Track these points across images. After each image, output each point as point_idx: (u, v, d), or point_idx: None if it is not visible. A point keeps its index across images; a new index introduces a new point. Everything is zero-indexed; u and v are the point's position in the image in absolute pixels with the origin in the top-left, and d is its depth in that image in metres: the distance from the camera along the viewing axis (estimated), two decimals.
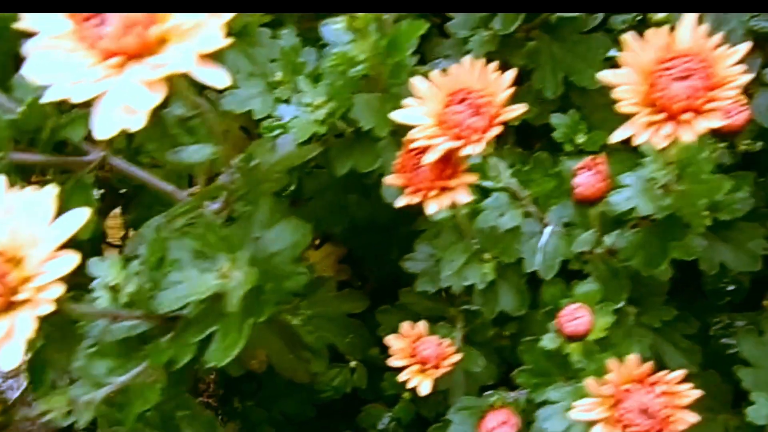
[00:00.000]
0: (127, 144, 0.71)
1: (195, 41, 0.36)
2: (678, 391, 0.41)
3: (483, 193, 0.61)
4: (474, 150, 0.42)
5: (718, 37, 0.39)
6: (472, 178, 0.46)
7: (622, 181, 0.54)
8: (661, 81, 0.39)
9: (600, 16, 0.73)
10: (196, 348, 0.47)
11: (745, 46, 0.39)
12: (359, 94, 0.59)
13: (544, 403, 0.58)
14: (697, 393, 0.42)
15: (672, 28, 0.40)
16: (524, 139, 0.80)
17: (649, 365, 0.42)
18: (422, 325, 0.53)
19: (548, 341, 0.55)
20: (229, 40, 0.37)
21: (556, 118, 0.71)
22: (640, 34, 0.69)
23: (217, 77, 0.37)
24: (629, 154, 0.56)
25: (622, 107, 0.40)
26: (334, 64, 0.53)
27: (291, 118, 0.61)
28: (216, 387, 1.06)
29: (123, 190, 0.73)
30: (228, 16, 0.38)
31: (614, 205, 0.54)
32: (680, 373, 0.42)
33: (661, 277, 0.63)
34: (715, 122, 0.39)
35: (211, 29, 0.36)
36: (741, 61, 0.39)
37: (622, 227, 0.60)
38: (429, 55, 0.78)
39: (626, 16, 0.71)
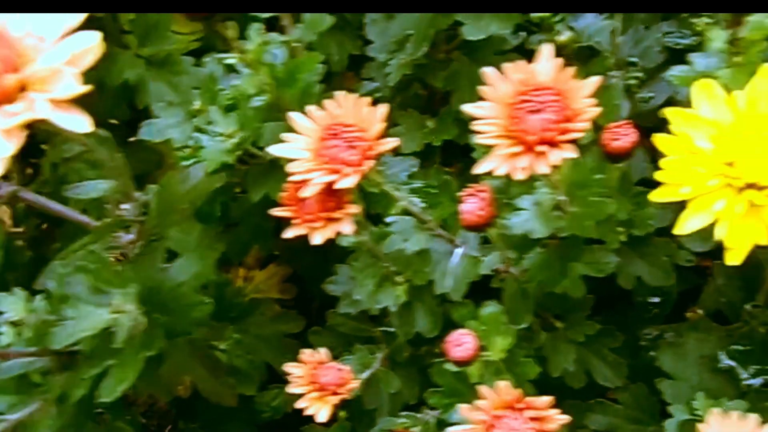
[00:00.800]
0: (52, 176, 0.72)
1: (52, 88, 0.37)
2: (546, 416, 0.42)
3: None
4: (347, 183, 0.43)
5: (571, 70, 0.40)
6: (356, 209, 0.47)
7: (520, 204, 0.55)
8: (519, 114, 0.40)
9: (520, 36, 0.75)
10: (90, 383, 0.47)
11: (596, 80, 0.40)
12: (268, 123, 0.60)
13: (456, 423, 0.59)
14: (566, 418, 0.43)
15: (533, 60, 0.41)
16: (449, 159, 0.81)
17: (517, 391, 0.43)
18: (322, 351, 0.54)
19: (451, 364, 0.55)
20: (86, 88, 0.38)
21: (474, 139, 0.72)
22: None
23: (76, 123, 0.38)
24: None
25: (482, 139, 0.41)
26: (230, 97, 0.54)
27: (201, 148, 0.61)
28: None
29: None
30: (87, 63, 0.38)
31: (512, 228, 0.55)
32: (548, 399, 0.43)
33: (574, 295, 0.64)
34: (569, 154, 0.40)
35: (68, 76, 0.37)
36: (594, 94, 0.40)
37: (533, 248, 0.61)
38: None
39: (542, 36, 0.73)
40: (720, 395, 0.64)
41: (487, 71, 0.42)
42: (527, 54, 0.75)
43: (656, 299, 0.79)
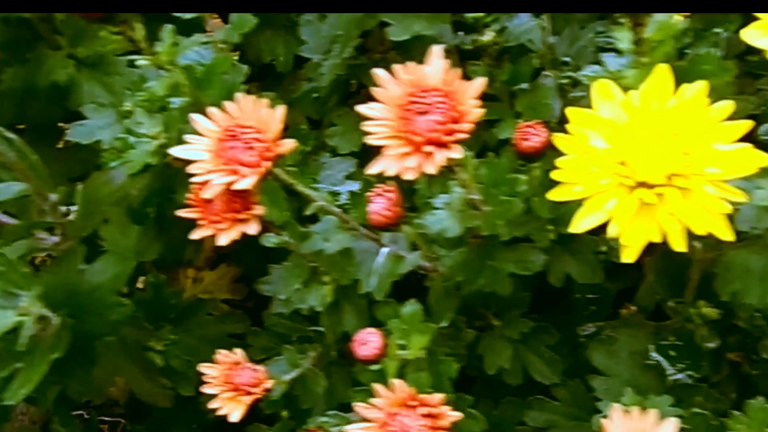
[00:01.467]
0: None
1: None
2: (439, 413, 0.42)
3: None
4: (246, 184, 0.44)
5: (458, 72, 0.41)
6: (261, 210, 0.47)
7: (435, 202, 0.56)
8: (407, 115, 0.40)
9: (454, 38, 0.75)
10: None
11: (481, 81, 0.41)
12: (188, 125, 0.60)
13: None
14: (457, 415, 0.44)
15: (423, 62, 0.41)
16: None
17: (410, 389, 0.43)
18: (238, 352, 0.54)
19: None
20: None
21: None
22: (480, 54, 0.73)
23: None
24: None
25: (372, 140, 0.41)
26: (143, 99, 0.55)
27: (127, 149, 0.61)
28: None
29: None
30: None
31: (428, 227, 0.56)
32: (441, 396, 0.43)
33: (501, 293, 0.65)
34: (455, 154, 0.40)
35: None
36: (479, 96, 0.40)
37: (455, 247, 0.62)
38: None
39: (475, 36, 0.73)
40: (648, 391, 0.65)
41: (378, 72, 0.42)
42: (470, 54, 0.76)
43: (594, 296, 0.80)
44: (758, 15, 0.48)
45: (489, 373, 0.73)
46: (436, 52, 0.41)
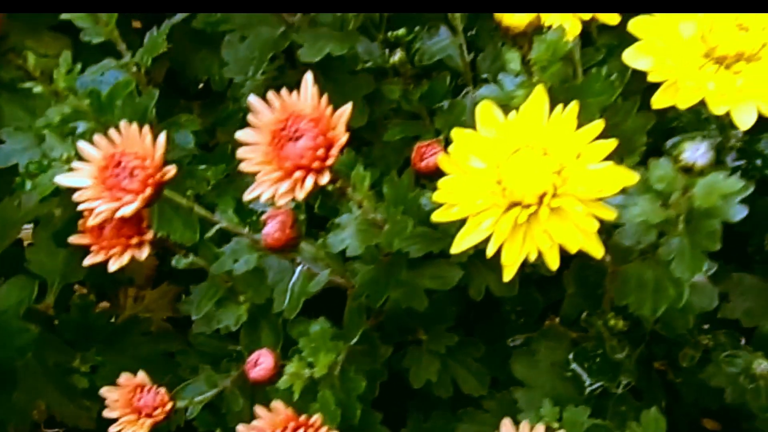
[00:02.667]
0: None
1: None
2: None
3: None
4: (128, 211, 0.44)
5: (325, 98, 0.42)
6: (150, 234, 0.48)
7: (339, 221, 0.56)
8: (279, 141, 0.41)
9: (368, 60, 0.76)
10: None
11: (348, 107, 0.42)
12: None
13: None
14: None
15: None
16: None
17: (289, 410, 0.44)
18: (140, 375, 0.55)
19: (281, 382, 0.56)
20: None
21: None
22: (397, 73, 0.74)
23: None
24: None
25: (246, 167, 0.42)
26: (43, 125, 0.55)
27: (39, 173, 0.62)
28: None
29: None
30: None
31: (331, 246, 0.56)
32: (317, 417, 0.44)
33: (418, 308, 0.66)
34: (324, 179, 0.41)
35: None
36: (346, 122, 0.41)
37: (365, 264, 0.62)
38: None
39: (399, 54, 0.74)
40: (567, 401, 0.66)
41: (251, 100, 0.43)
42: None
43: (523, 309, 0.81)
44: (639, 36, 0.50)
45: (415, 387, 0.73)
46: (307, 79, 0.42)
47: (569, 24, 0.56)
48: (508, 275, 0.45)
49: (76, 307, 0.75)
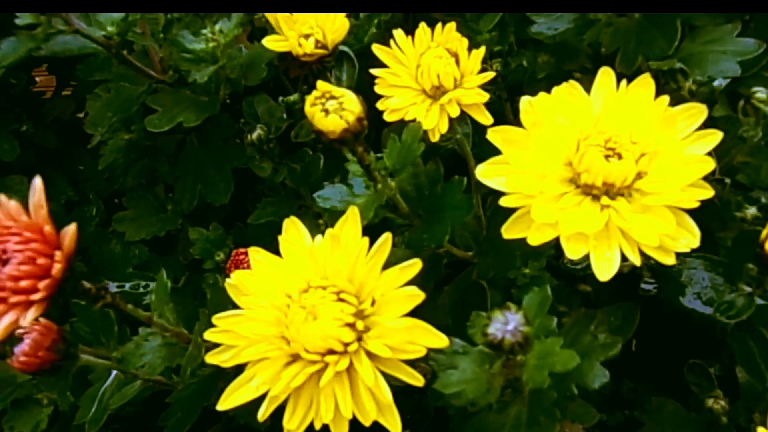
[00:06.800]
0: None
1: None
2: None
3: None
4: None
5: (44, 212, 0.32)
6: None
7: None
8: None
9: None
10: None
11: (73, 227, 0.32)
12: None
13: None
14: None
15: None
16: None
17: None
18: None
19: None
20: None
21: (194, 233, 0.64)
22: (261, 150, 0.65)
23: None
24: None
25: None
26: None
27: None
28: None
29: None
30: None
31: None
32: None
33: None
34: (27, 318, 0.32)
35: None
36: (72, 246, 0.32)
37: None
38: None
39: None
40: None
41: None
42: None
43: None
44: (499, 148, 0.41)
45: None
46: (35, 185, 0.33)
47: (434, 119, 0.48)
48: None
49: None
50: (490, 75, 0.47)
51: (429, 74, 0.46)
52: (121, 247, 0.69)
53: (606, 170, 0.38)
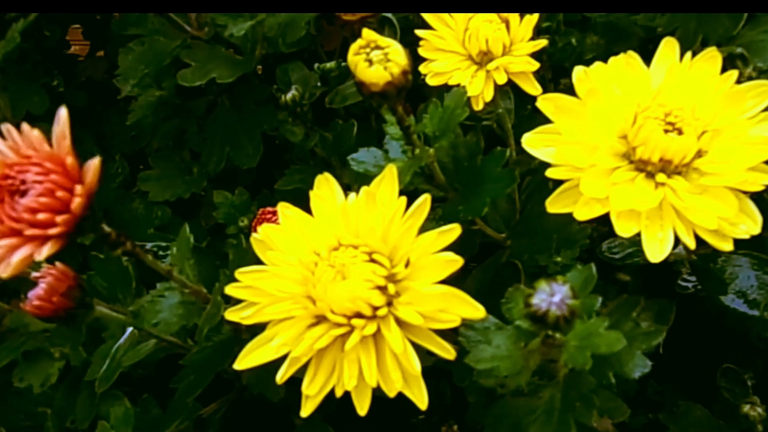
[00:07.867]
0: None
1: None
2: None
3: None
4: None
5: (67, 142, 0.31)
6: None
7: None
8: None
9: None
10: None
11: (96, 160, 0.31)
12: None
13: None
14: None
15: None
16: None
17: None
18: None
19: None
20: None
21: (219, 196, 0.62)
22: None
23: None
24: None
25: None
26: None
27: None
28: None
29: None
30: None
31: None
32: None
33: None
34: (42, 253, 0.30)
35: None
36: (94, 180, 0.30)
37: None
38: None
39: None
40: None
41: None
42: None
43: None
44: (549, 116, 0.38)
45: None
46: (60, 115, 0.31)
47: (479, 85, 0.45)
48: (307, 410, 0.33)
49: None
50: (542, 43, 0.45)
51: (477, 38, 0.44)
52: (144, 207, 0.68)
53: (664, 144, 0.35)
